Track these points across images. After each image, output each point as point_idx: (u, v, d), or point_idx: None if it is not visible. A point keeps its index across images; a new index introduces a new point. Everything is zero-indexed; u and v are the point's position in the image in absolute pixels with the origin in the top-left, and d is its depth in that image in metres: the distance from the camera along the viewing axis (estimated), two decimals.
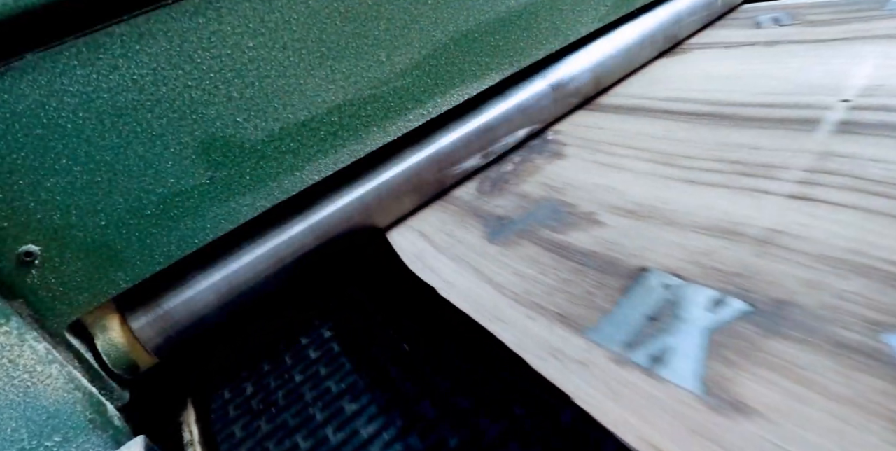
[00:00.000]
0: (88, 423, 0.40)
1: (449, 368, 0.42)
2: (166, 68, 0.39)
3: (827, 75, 0.63)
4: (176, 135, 0.41)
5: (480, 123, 0.62)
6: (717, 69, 0.74)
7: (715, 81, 0.71)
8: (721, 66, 0.75)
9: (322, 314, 0.55)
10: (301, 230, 0.52)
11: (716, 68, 0.75)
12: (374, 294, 0.56)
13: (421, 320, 0.49)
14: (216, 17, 0.41)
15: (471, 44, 0.57)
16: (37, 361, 0.38)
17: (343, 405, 0.42)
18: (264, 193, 0.47)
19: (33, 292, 0.39)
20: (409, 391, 0.41)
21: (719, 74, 0.73)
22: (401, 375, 0.43)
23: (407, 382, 0.42)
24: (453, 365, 0.42)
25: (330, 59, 0.47)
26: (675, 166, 0.54)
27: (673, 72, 0.78)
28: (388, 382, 0.43)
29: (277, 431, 0.43)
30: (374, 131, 0.53)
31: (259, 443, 0.42)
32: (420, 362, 0.44)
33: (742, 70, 0.71)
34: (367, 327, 0.50)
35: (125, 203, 0.41)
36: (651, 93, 0.73)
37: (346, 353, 0.48)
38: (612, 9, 0.73)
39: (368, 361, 0.46)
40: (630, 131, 0.64)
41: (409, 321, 0.49)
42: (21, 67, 0.34)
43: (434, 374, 0.42)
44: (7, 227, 0.37)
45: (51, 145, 0.36)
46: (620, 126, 0.66)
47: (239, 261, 0.50)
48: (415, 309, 0.51)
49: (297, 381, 0.47)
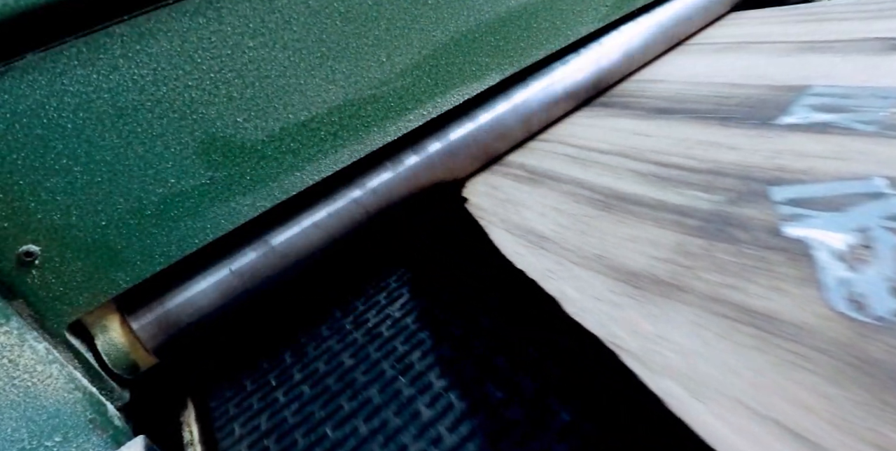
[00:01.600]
0: (88, 423, 0.40)
1: (451, 373, 0.42)
2: (166, 68, 0.40)
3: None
4: (176, 135, 0.41)
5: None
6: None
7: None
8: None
9: (321, 312, 0.55)
10: (301, 230, 0.52)
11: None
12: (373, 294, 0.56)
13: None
14: (216, 17, 0.41)
15: (471, 44, 0.57)
16: (37, 361, 0.38)
17: (342, 403, 0.42)
18: (264, 193, 0.47)
19: (33, 292, 0.39)
20: (407, 388, 0.42)
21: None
22: (397, 373, 0.43)
23: (403, 377, 0.43)
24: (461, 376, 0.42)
25: (330, 60, 0.47)
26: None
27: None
28: (385, 380, 0.43)
29: (276, 428, 0.43)
30: (374, 131, 0.53)
31: (258, 440, 0.42)
32: (415, 365, 0.44)
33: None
34: (367, 329, 0.50)
35: (125, 203, 0.41)
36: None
37: (345, 351, 0.48)
38: (612, 9, 0.73)
39: (366, 360, 0.46)
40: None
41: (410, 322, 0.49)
42: (21, 67, 0.34)
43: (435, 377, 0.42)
44: (7, 227, 0.37)
45: (51, 145, 0.37)
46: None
47: (239, 261, 0.50)
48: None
49: (296, 379, 0.47)
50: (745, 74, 0.69)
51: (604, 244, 0.45)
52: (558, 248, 0.47)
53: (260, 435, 0.43)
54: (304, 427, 0.42)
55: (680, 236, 0.43)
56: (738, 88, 0.65)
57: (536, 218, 0.52)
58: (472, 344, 0.43)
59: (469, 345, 0.43)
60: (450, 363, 0.42)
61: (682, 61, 0.81)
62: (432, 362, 0.43)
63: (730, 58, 0.76)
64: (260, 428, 0.44)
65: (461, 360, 0.42)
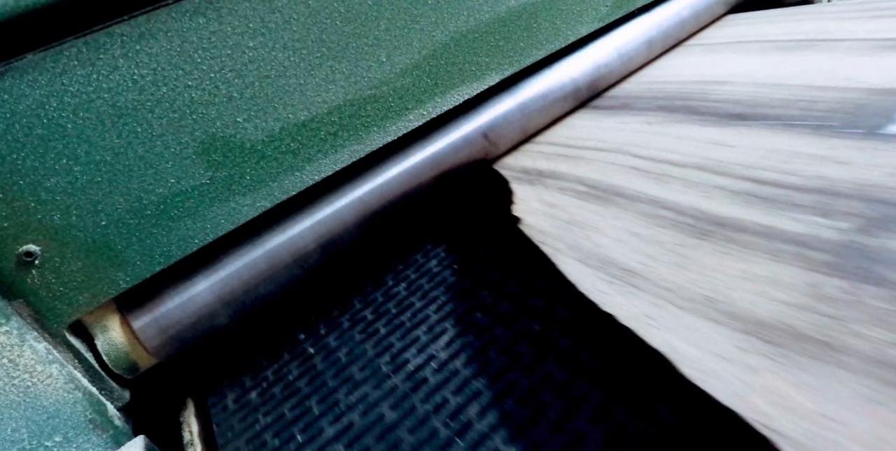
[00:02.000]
0: (88, 423, 0.40)
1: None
2: (166, 68, 0.40)
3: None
4: (176, 135, 0.41)
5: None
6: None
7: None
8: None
9: (320, 311, 0.55)
10: (301, 231, 0.52)
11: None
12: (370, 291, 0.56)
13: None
14: (216, 17, 0.41)
15: (471, 44, 0.57)
16: (37, 361, 0.38)
17: (338, 398, 0.43)
18: (264, 193, 0.47)
19: (33, 292, 0.39)
20: (402, 384, 0.42)
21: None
22: (392, 369, 0.44)
23: (397, 373, 0.43)
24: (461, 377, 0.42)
25: (330, 60, 0.47)
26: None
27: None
28: (381, 376, 0.44)
29: (275, 423, 0.43)
30: (374, 131, 0.53)
31: (257, 435, 0.43)
32: (410, 361, 0.44)
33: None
34: (363, 325, 0.51)
35: (125, 203, 0.41)
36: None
37: (343, 348, 0.49)
38: (612, 9, 0.73)
39: (363, 356, 0.47)
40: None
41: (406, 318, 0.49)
42: (21, 67, 0.34)
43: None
44: (7, 227, 0.37)
45: (51, 145, 0.37)
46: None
47: (239, 261, 0.50)
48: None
49: (294, 375, 0.48)
50: (828, 76, 0.59)
51: (712, 283, 0.37)
52: (652, 286, 0.38)
53: (258, 430, 0.43)
54: (302, 423, 0.42)
55: (810, 274, 0.35)
56: (823, 91, 0.57)
57: (614, 245, 0.44)
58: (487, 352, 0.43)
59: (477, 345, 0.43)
60: (445, 360, 0.43)
61: (735, 60, 0.73)
62: (426, 359, 0.44)
63: (793, 57, 0.67)
64: (259, 423, 0.44)
65: (457, 354, 0.43)
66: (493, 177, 0.63)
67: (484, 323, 0.45)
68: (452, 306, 0.48)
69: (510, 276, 0.49)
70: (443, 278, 0.53)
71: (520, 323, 0.44)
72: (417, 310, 0.50)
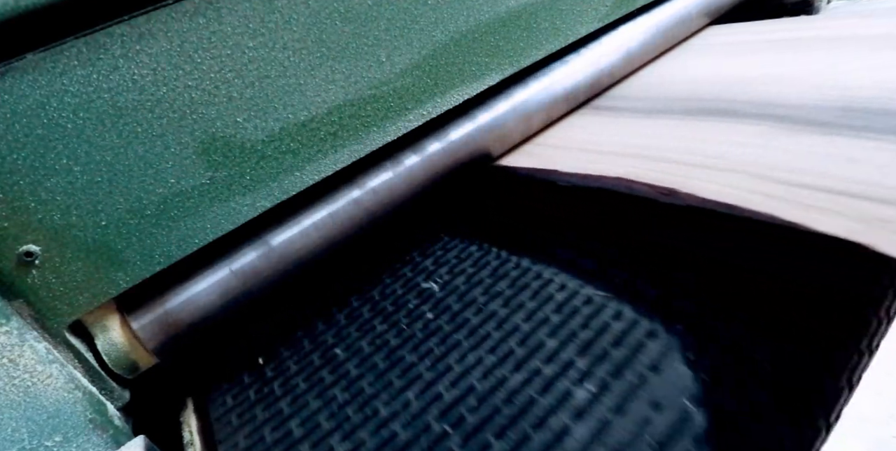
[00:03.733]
0: (88, 423, 0.40)
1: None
2: (166, 68, 0.40)
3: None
4: (176, 135, 0.41)
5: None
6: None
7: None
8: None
9: (318, 309, 0.56)
10: (301, 231, 0.52)
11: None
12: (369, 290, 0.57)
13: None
14: (216, 18, 0.41)
15: (471, 44, 0.57)
16: (37, 361, 0.38)
17: (335, 394, 0.43)
18: (264, 193, 0.47)
19: (33, 292, 0.39)
20: (398, 380, 0.43)
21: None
22: (388, 367, 0.44)
23: (395, 371, 0.44)
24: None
25: (330, 60, 0.47)
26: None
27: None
28: (377, 373, 0.44)
29: (272, 418, 0.44)
30: (374, 131, 0.53)
31: (256, 430, 0.43)
32: (405, 358, 0.44)
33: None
34: (360, 323, 0.51)
35: (125, 203, 0.41)
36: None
37: (341, 345, 0.49)
38: (612, 9, 0.73)
39: (359, 353, 0.47)
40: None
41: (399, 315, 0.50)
42: (21, 67, 0.34)
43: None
44: (7, 227, 0.37)
45: (51, 145, 0.37)
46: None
47: (239, 261, 0.50)
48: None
49: (292, 371, 0.48)
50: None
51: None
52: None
53: (257, 425, 0.44)
54: (299, 418, 0.43)
55: None
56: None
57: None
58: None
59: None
60: (438, 356, 0.43)
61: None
62: (422, 355, 0.44)
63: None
64: (257, 418, 0.44)
65: (448, 352, 0.43)
66: (494, 177, 0.63)
67: (476, 323, 0.45)
68: (447, 304, 0.49)
69: (504, 277, 0.50)
70: (438, 276, 0.53)
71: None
72: (413, 308, 0.50)
